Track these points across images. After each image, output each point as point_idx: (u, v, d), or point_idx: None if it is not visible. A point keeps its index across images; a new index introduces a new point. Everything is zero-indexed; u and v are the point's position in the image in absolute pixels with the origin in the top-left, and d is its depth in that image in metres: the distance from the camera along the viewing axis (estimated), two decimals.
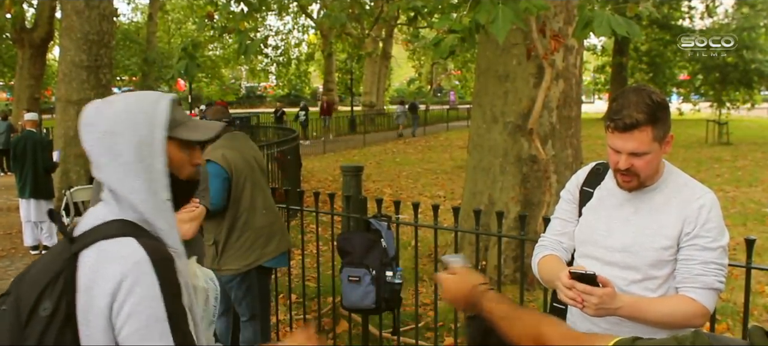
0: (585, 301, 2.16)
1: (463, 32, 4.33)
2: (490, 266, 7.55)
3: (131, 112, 1.71)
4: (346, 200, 4.80)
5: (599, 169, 2.63)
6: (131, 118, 1.70)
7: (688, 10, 36.36)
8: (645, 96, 2.26)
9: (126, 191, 1.68)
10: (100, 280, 1.57)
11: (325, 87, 54.05)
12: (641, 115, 2.22)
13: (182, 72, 6.79)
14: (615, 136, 2.29)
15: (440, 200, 13.14)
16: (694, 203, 2.33)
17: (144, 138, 1.70)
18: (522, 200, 7.57)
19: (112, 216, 1.69)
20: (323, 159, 22.34)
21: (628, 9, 7.80)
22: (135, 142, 1.68)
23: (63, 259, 1.63)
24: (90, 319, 1.58)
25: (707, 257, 2.29)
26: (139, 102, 1.75)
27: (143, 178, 1.69)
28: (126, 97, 1.78)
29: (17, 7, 17.17)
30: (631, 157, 2.28)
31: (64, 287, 1.59)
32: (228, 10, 7.72)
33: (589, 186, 2.61)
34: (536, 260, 2.69)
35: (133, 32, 44.91)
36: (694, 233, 2.31)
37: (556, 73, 7.27)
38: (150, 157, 1.70)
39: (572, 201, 2.67)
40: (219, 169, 4.35)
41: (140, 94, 1.79)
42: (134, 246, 1.61)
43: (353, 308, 4.24)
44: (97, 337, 1.57)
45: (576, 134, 7.82)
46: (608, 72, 46.85)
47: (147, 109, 1.73)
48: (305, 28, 47.44)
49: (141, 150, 1.69)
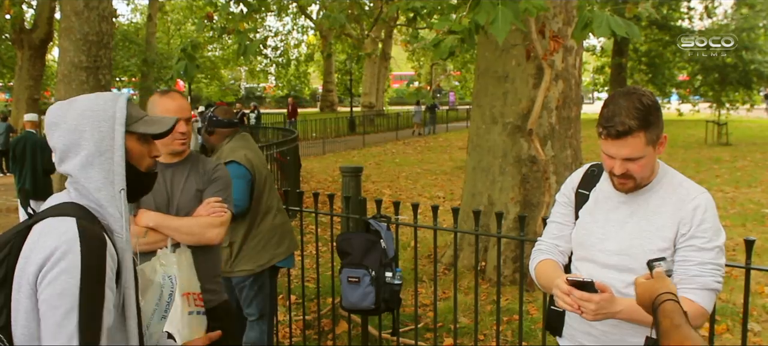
0: (582, 307, 2.17)
1: (462, 33, 4.32)
2: (489, 267, 7.55)
3: (93, 111, 1.92)
4: (346, 201, 4.80)
5: (594, 170, 2.62)
6: (93, 116, 1.91)
7: (687, 11, 36.36)
8: (635, 100, 2.25)
9: (85, 180, 1.89)
10: (37, 249, 1.75)
11: (325, 88, 54.09)
12: (633, 122, 2.22)
13: (181, 73, 6.76)
14: (608, 143, 2.29)
15: (440, 201, 13.15)
16: (689, 204, 2.34)
17: (105, 133, 1.90)
18: (521, 200, 7.57)
19: (68, 199, 1.91)
20: (322, 160, 22.34)
21: (627, 10, 7.82)
22: (96, 137, 1.89)
23: (18, 229, 1.84)
24: (21, 283, 1.75)
25: (704, 258, 2.29)
26: (99, 101, 1.95)
27: (103, 169, 1.89)
28: (87, 97, 1.98)
29: (16, 8, 17.16)
30: (625, 162, 2.29)
31: (9, 252, 1.79)
32: (227, 11, 7.72)
33: (584, 188, 2.61)
34: (534, 264, 2.69)
35: (133, 33, 44.82)
36: (689, 233, 2.31)
37: (555, 73, 7.27)
38: (110, 151, 1.90)
39: (568, 204, 2.66)
40: (244, 171, 4.33)
41: (99, 95, 2.00)
42: (71, 225, 1.78)
43: (353, 309, 4.23)
44: (23, 301, 1.74)
45: (575, 135, 7.82)
46: (607, 73, 46.83)
47: (107, 108, 1.93)
48: (304, 28, 47.48)
49: (102, 144, 1.89)
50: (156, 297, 2.42)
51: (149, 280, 2.43)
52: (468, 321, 6.00)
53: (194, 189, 3.26)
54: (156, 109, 3.23)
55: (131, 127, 1.97)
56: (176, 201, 3.23)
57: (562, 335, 2.64)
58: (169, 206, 3.22)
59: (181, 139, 3.24)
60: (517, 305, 4.88)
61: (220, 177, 3.33)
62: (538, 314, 6.16)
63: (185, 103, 3.30)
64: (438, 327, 4.75)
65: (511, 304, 6.58)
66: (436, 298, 4.62)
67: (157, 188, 3.20)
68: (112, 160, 1.90)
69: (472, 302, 4.59)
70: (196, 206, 3.22)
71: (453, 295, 4.48)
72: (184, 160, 3.34)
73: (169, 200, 3.23)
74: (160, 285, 2.43)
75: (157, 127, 2.03)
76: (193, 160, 3.36)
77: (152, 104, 3.29)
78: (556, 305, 2.35)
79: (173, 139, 3.21)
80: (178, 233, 3.11)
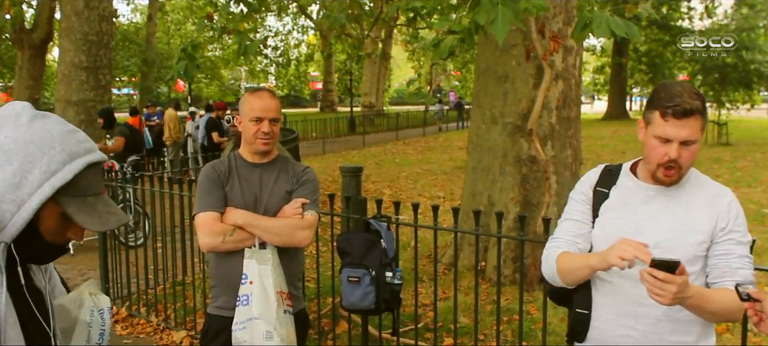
0: (663, 289, 2.06)
1: (462, 33, 4.32)
2: (489, 267, 7.55)
3: (56, 140, 1.52)
4: (346, 201, 4.80)
5: (611, 169, 2.60)
6: (52, 144, 1.51)
7: (687, 11, 36.46)
8: (689, 87, 2.29)
9: None
10: None
11: (325, 88, 54.06)
12: (696, 103, 2.23)
13: (182, 73, 6.78)
14: (668, 124, 2.25)
15: (440, 201, 13.14)
16: (724, 199, 2.38)
17: (35, 164, 1.49)
18: (521, 200, 7.57)
19: None
20: (323, 159, 22.34)
21: (627, 10, 7.82)
22: (27, 163, 1.48)
23: None
24: None
25: (743, 251, 2.34)
26: (69, 137, 1.55)
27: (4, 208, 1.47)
28: (60, 122, 1.58)
29: (16, 8, 17.15)
30: (681, 147, 2.26)
31: None
32: (227, 11, 7.73)
33: (603, 186, 2.56)
34: (553, 257, 2.55)
35: (133, 33, 44.87)
36: (728, 227, 2.35)
37: (555, 73, 7.27)
38: (26, 196, 1.48)
39: (586, 202, 2.59)
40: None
41: (73, 130, 1.58)
42: None
43: (353, 309, 4.23)
44: None
45: (575, 135, 7.82)
46: (607, 73, 46.90)
47: (71, 149, 1.53)
48: (305, 28, 47.51)
49: (25, 180, 1.47)
50: (83, 340, 1.91)
51: (74, 318, 1.91)
52: (468, 321, 6.00)
53: (283, 191, 3.27)
54: (243, 106, 3.24)
55: (62, 198, 1.52)
56: (265, 202, 3.24)
57: (586, 339, 2.55)
58: (256, 205, 3.22)
59: (263, 139, 3.20)
60: (517, 305, 4.89)
61: (309, 180, 3.34)
62: (538, 315, 6.16)
63: (273, 103, 3.25)
64: (438, 327, 4.75)
65: (511, 304, 6.58)
66: (436, 298, 4.62)
67: (246, 186, 3.24)
68: (19, 206, 1.47)
69: (473, 302, 4.59)
70: None
71: (453, 295, 4.48)
72: (273, 162, 3.34)
73: (257, 200, 3.23)
74: (86, 324, 1.92)
75: (92, 223, 1.56)
76: (281, 162, 3.36)
77: (242, 100, 3.31)
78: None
79: (255, 139, 3.20)
80: (267, 233, 3.13)
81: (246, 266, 3.09)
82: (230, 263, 3.17)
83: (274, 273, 3.07)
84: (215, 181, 3.22)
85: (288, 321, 3.09)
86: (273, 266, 3.08)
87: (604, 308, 2.47)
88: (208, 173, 3.26)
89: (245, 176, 3.26)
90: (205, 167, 3.35)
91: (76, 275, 8.25)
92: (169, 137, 16.99)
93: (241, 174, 3.26)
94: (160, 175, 6.50)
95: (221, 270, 3.25)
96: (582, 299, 2.54)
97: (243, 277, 3.08)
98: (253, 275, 3.07)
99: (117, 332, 6.26)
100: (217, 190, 3.20)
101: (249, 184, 3.24)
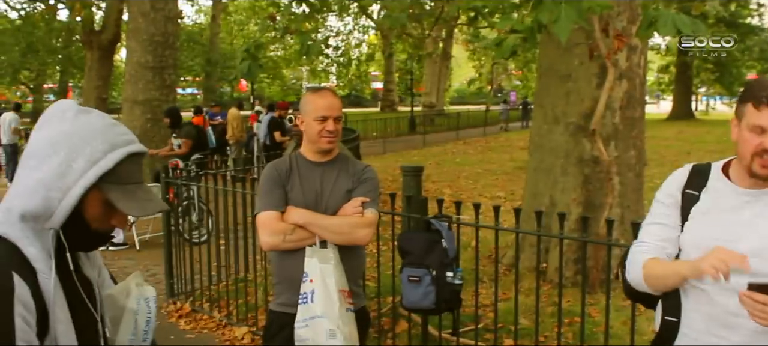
0: (764, 312, 1.97)
1: (524, 32, 4.30)
2: (550, 268, 7.49)
3: (98, 132, 1.62)
4: (407, 200, 4.81)
5: (700, 170, 2.43)
6: (95, 136, 1.61)
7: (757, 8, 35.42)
8: None
9: (22, 198, 1.58)
10: None
11: (385, 87, 54.21)
12: None
13: (245, 73, 6.88)
14: (763, 114, 2.12)
15: (500, 201, 13.07)
16: None
17: (78, 154, 1.59)
18: (583, 201, 7.48)
19: None
20: (383, 159, 22.40)
21: (693, 7, 7.64)
22: (72, 154, 1.58)
23: None
24: None
25: None
26: (110, 129, 1.64)
27: (45, 196, 1.57)
28: (102, 116, 1.67)
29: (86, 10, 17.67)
30: None
31: None
32: (290, 12, 7.83)
33: (692, 189, 2.39)
34: (639, 264, 2.40)
35: (197, 34, 45.68)
36: None
37: (619, 73, 7.17)
38: (71, 184, 1.58)
39: (674, 205, 2.42)
40: None
41: (114, 124, 1.67)
42: None
43: (413, 308, 4.24)
44: None
45: (640, 135, 7.70)
46: (672, 72, 45.97)
47: (112, 140, 1.63)
48: (365, 28, 47.78)
49: (70, 169, 1.58)
50: (130, 327, 1.98)
51: (121, 307, 1.98)
52: (528, 323, 5.95)
53: (344, 189, 3.28)
54: (307, 105, 3.26)
55: (105, 185, 1.61)
56: (325, 200, 3.26)
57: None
58: (317, 204, 3.25)
59: (328, 138, 3.23)
60: (578, 307, 4.83)
61: (370, 179, 3.35)
62: (600, 317, 6.08)
63: (336, 102, 3.28)
64: (498, 328, 4.71)
65: (573, 306, 6.51)
66: (496, 298, 4.59)
67: (307, 185, 3.26)
68: (67, 194, 1.57)
69: (533, 304, 4.54)
70: None
71: (514, 296, 4.45)
72: (334, 160, 3.36)
73: (318, 199, 3.26)
74: (133, 312, 1.99)
75: (132, 208, 1.65)
76: (342, 160, 3.38)
77: (304, 100, 3.33)
78: (666, 310, 2.17)
79: (320, 137, 3.23)
80: (327, 232, 3.16)
81: (307, 265, 3.12)
82: (292, 261, 3.19)
83: (336, 272, 3.10)
84: (276, 180, 3.25)
85: (350, 319, 3.11)
86: (334, 264, 3.11)
87: (696, 316, 2.31)
88: (269, 173, 3.29)
89: (306, 174, 3.29)
90: (266, 167, 3.38)
91: (141, 271, 8.45)
92: (232, 136, 17.25)
93: (302, 173, 3.29)
94: (223, 173, 6.60)
95: (284, 268, 3.28)
96: (670, 307, 2.38)
97: (304, 275, 3.11)
98: (314, 273, 3.09)
99: (180, 326, 6.40)
100: (277, 189, 3.23)
101: (310, 183, 3.26)
